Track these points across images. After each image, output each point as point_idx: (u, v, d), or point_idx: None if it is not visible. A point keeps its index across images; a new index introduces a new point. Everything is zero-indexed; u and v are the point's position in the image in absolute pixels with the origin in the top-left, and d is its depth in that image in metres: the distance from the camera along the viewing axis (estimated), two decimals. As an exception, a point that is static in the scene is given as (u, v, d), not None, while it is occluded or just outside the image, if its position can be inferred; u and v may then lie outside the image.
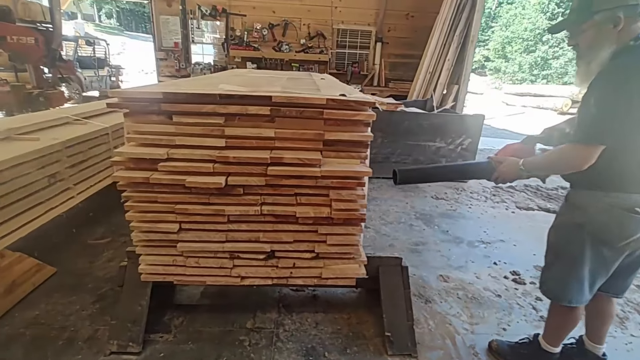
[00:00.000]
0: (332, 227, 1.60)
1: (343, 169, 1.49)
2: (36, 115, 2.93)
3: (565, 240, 1.46)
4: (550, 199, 4.30)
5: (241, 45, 7.13)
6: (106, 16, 36.35)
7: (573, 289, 1.45)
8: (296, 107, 1.42)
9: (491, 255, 2.94)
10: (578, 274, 1.42)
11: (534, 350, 1.72)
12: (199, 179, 1.44)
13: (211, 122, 1.43)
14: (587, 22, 1.27)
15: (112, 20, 36.98)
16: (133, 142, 1.48)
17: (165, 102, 1.39)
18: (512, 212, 3.88)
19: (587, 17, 1.27)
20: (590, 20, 1.26)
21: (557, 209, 1.62)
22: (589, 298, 1.48)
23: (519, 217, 3.75)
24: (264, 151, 1.49)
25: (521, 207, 3.98)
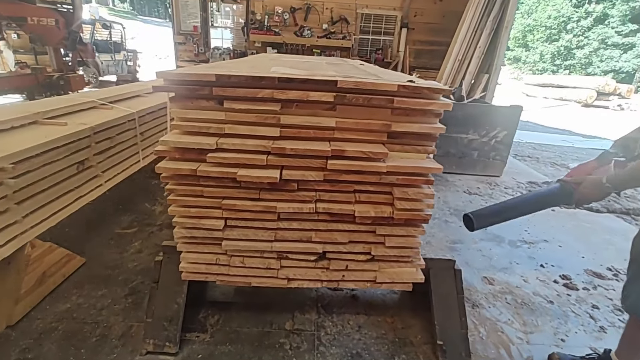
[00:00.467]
0: (392, 227, 1.45)
1: (410, 164, 1.33)
2: (62, 99, 2.82)
3: None
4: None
5: (261, 29, 6.92)
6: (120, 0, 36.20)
7: None
8: (364, 94, 1.25)
9: (536, 257, 2.76)
10: None
11: None
12: (251, 172, 1.30)
13: (266, 109, 1.28)
14: None
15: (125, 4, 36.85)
16: (177, 129, 1.33)
17: (217, 85, 1.23)
18: (552, 209, 3.67)
19: None
20: None
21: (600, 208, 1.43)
22: None
23: (560, 216, 3.54)
24: (322, 142, 1.33)
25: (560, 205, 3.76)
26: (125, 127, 2.81)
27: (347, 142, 1.35)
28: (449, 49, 6.36)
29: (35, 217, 1.96)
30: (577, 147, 6.97)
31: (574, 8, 24.87)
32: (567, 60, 25.74)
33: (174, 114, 1.31)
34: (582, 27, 24.68)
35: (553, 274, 2.56)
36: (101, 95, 3.11)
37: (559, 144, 7.10)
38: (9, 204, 1.79)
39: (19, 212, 1.85)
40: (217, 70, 1.25)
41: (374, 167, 1.31)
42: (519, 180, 4.42)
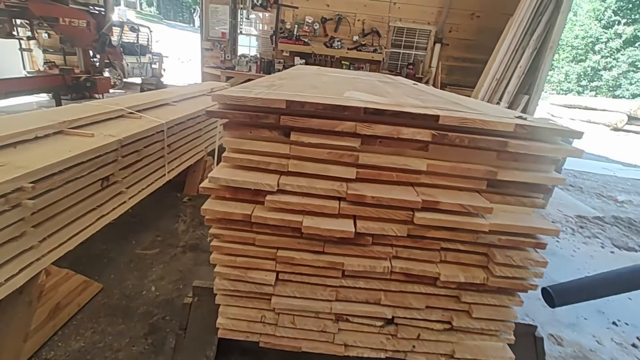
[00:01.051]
0: (482, 295, 1.17)
1: (520, 223, 1.05)
2: (90, 107, 2.65)
3: None
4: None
5: (290, 38, 6.77)
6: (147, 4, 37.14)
7: None
8: (469, 133, 0.98)
9: (605, 311, 2.41)
10: None
11: None
12: (319, 223, 1.04)
13: (343, 145, 1.03)
14: None
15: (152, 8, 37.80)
16: (229, 162, 1.09)
17: (286, 113, 0.99)
18: (611, 251, 3.31)
19: None
20: None
21: None
22: None
23: (621, 259, 3.18)
24: (406, 189, 1.07)
25: (620, 246, 3.39)
26: (153, 138, 2.61)
27: (436, 190, 1.08)
28: (487, 66, 6.06)
29: (53, 241, 1.75)
30: (619, 177, 6.53)
31: (603, 29, 24.24)
32: (594, 82, 25.03)
33: (226, 144, 1.07)
34: (611, 49, 23.99)
35: (629, 335, 2.22)
36: (129, 102, 2.93)
37: (600, 172, 6.67)
38: (26, 227, 1.58)
39: (35, 236, 1.63)
40: (288, 95, 1.01)
41: (473, 224, 1.04)
42: (566, 214, 4.06)
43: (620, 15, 24.18)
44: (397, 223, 1.07)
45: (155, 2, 37.55)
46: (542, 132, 0.99)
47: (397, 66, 7.08)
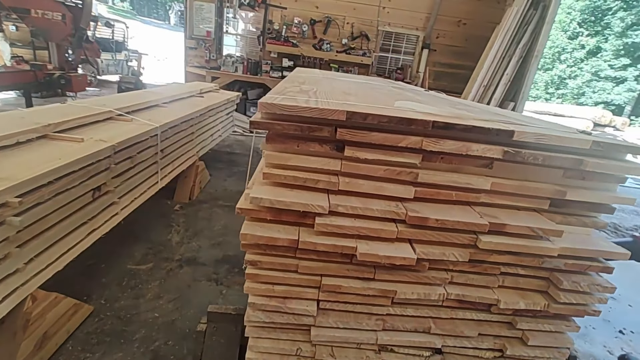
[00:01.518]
0: (538, 321, 1.09)
1: (588, 246, 0.98)
2: (75, 108, 2.40)
3: None
4: None
5: (279, 40, 6.61)
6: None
7: None
8: (543, 150, 0.90)
9: (610, 319, 2.44)
10: None
11: None
12: (376, 249, 0.93)
13: (403, 162, 0.92)
14: None
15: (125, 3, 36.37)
16: (269, 180, 0.96)
17: (344, 126, 0.87)
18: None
19: None
20: None
21: None
22: None
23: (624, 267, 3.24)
24: (465, 209, 0.98)
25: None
26: (147, 143, 2.41)
27: (496, 210, 1.00)
28: (474, 73, 6.16)
29: (41, 262, 1.54)
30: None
31: (569, 40, 25.60)
32: (560, 89, 26.36)
33: (268, 159, 0.94)
34: (576, 58, 25.37)
35: (636, 343, 2.24)
36: (117, 103, 2.70)
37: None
38: (10, 248, 1.37)
39: (21, 258, 1.42)
40: (345, 106, 0.89)
41: (541, 248, 0.96)
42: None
43: (584, 27, 25.63)
44: (459, 247, 0.97)
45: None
46: (616, 149, 0.92)
47: (386, 70, 7.09)
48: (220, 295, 2.17)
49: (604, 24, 24.63)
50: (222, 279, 2.32)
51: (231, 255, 2.59)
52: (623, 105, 23.56)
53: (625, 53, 23.20)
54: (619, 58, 23.19)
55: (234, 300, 2.13)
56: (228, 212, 3.23)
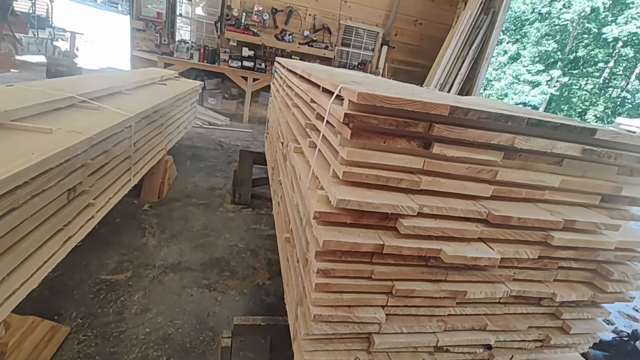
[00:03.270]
0: (579, 310, 1.15)
1: (635, 238, 1.05)
2: (28, 92, 1.98)
3: None
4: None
5: (238, 27, 6.26)
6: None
7: None
8: (616, 149, 0.93)
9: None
10: None
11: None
12: (462, 250, 0.89)
13: (485, 159, 0.89)
14: None
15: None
16: (347, 179, 0.87)
17: (442, 122, 0.81)
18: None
19: None
20: None
21: None
22: None
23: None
24: (531, 206, 0.99)
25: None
26: (121, 136, 2.11)
27: (557, 206, 1.02)
28: (431, 71, 6.47)
29: (14, 281, 1.26)
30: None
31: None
32: (487, 90, 29.08)
33: (349, 156, 0.85)
34: (500, 63, 28.15)
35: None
36: (76, 88, 2.31)
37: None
38: (-22, 267, 1.09)
39: (-8, 278, 1.14)
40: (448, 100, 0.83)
41: (602, 242, 1.00)
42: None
43: (507, 35, 28.47)
44: (531, 245, 0.98)
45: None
46: None
47: (347, 65, 7.12)
48: (216, 302, 1.99)
49: (522, 32, 27.59)
50: (214, 284, 2.13)
51: (218, 257, 2.39)
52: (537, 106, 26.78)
53: (540, 60, 26.25)
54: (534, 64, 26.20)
55: (233, 307, 1.97)
56: (205, 211, 2.99)
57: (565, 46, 26.05)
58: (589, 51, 24.17)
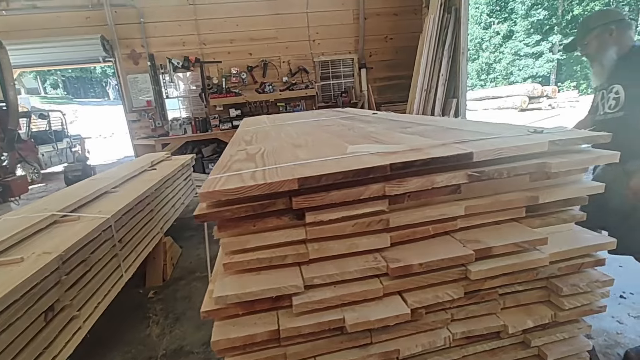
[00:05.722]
0: (549, 332, 1.03)
1: (576, 245, 0.94)
2: (11, 222, 2.17)
3: None
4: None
5: (221, 93, 6.62)
6: (52, 87, 34.92)
7: None
8: (504, 163, 0.87)
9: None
10: None
11: None
12: (366, 313, 0.83)
13: (370, 212, 0.85)
14: (588, 36, 1.77)
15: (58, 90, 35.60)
16: (231, 269, 0.85)
17: (298, 193, 0.79)
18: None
19: (588, 33, 1.78)
20: (590, 34, 1.77)
21: None
22: None
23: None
24: (446, 240, 0.92)
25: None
26: (101, 239, 2.21)
27: (476, 231, 0.95)
28: (413, 80, 6.46)
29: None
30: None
31: (484, 30, 28.02)
32: (490, 74, 28.49)
33: (225, 247, 0.84)
34: (495, 44, 27.72)
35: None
36: (60, 202, 2.48)
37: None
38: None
39: None
40: (292, 170, 0.81)
41: (532, 261, 0.90)
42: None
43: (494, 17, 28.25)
44: (451, 284, 0.90)
45: (60, 83, 35.42)
46: (573, 143, 0.91)
47: (331, 96, 7.26)
48: (217, 384, 1.95)
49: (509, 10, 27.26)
50: (215, 363, 2.10)
51: (220, 332, 2.37)
52: (548, 75, 25.77)
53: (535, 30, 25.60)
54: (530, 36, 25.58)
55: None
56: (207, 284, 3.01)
57: (556, 10, 25.39)
58: (584, 6, 23.41)
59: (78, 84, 38.94)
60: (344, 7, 6.91)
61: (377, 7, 6.98)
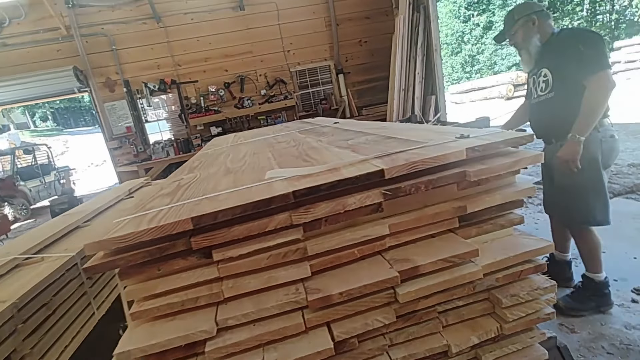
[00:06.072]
0: (501, 345, 0.97)
1: (512, 252, 0.89)
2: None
3: (589, 177, 1.77)
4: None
5: (200, 112, 6.59)
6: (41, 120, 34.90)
7: (608, 210, 1.84)
8: (423, 176, 0.82)
9: (592, 275, 2.39)
10: (601, 198, 1.80)
11: (592, 287, 2.00)
12: (288, 352, 0.77)
13: (283, 242, 0.80)
14: (514, 26, 1.91)
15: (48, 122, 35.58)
16: (141, 317, 0.79)
17: (198, 233, 0.74)
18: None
19: (513, 24, 1.91)
20: (515, 25, 1.90)
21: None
22: None
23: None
24: (375, 261, 0.87)
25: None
26: (65, 278, 2.14)
27: (408, 248, 0.90)
28: (390, 82, 6.45)
29: None
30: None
31: (464, 23, 28.34)
32: (475, 66, 28.73)
33: (130, 295, 0.78)
34: (476, 36, 27.99)
35: (624, 290, 2.19)
36: (25, 244, 2.42)
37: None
38: None
39: None
40: (193, 207, 0.76)
41: (464, 276, 0.85)
42: (512, 189, 4.21)
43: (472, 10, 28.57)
44: (381, 309, 0.85)
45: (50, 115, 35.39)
46: (493, 148, 0.87)
47: (312, 105, 7.24)
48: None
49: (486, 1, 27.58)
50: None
51: None
52: (532, 62, 25.98)
53: (514, 19, 25.79)
54: (510, 25, 25.83)
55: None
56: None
57: (531, -2, 25.61)
58: (557, -8, 23.72)
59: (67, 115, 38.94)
60: (315, 16, 6.92)
61: (348, 12, 7.00)
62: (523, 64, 1.99)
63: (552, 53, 1.80)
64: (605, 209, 1.83)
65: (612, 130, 1.78)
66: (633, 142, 5.41)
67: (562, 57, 1.74)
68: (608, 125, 1.77)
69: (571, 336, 1.93)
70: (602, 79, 1.61)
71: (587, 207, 1.82)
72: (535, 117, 1.99)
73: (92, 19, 6.20)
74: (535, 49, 1.86)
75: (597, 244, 1.94)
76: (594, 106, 1.63)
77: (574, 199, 1.85)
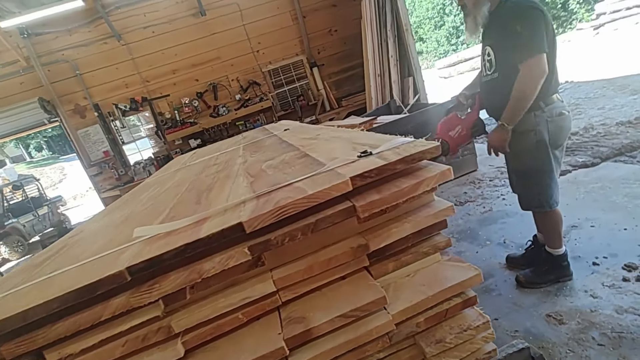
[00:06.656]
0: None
1: (431, 291, 0.74)
2: None
3: (538, 159, 1.73)
4: (570, 151, 3.75)
5: (176, 126, 6.42)
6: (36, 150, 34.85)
7: (555, 192, 1.80)
8: (300, 220, 0.66)
9: (581, 253, 2.23)
10: (554, 179, 1.77)
11: (551, 261, 1.97)
12: None
13: (136, 325, 0.65)
14: None
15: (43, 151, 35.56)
16: None
17: (7, 339, 0.59)
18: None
19: None
20: None
21: (586, 159, 2.30)
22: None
23: (565, 188, 3.12)
24: (267, 321, 0.72)
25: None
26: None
27: (308, 299, 0.74)
28: (365, 69, 6.23)
29: None
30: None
31: (443, -4, 27.74)
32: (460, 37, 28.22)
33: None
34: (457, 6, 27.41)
35: (614, 268, 2.03)
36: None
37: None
38: None
39: None
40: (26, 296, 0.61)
41: (371, 331, 0.70)
42: (497, 166, 4.04)
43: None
44: (274, 387, 0.70)
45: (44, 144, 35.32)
46: (391, 169, 0.70)
47: (290, 103, 7.04)
48: None
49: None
50: None
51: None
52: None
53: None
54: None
55: None
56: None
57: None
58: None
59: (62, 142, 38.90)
60: (279, 11, 6.69)
61: (314, 2, 6.75)
62: (467, 31, 1.86)
63: (496, 29, 1.70)
64: (555, 190, 1.81)
65: (562, 107, 1.69)
66: (621, 98, 5.18)
67: (502, 36, 1.67)
68: (557, 102, 1.68)
69: (559, 328, 1.78)
70: (532, 66, 1.54)
71: (540, 191, 1.79)
72: (485, 96, 1.93)
73: (50, 47, 6.02)
74: (483, 18, 1.74)
75: (557, 221, 1.89)
76: (521, 95, 1.58)
77: (530, 183, 1.82)
